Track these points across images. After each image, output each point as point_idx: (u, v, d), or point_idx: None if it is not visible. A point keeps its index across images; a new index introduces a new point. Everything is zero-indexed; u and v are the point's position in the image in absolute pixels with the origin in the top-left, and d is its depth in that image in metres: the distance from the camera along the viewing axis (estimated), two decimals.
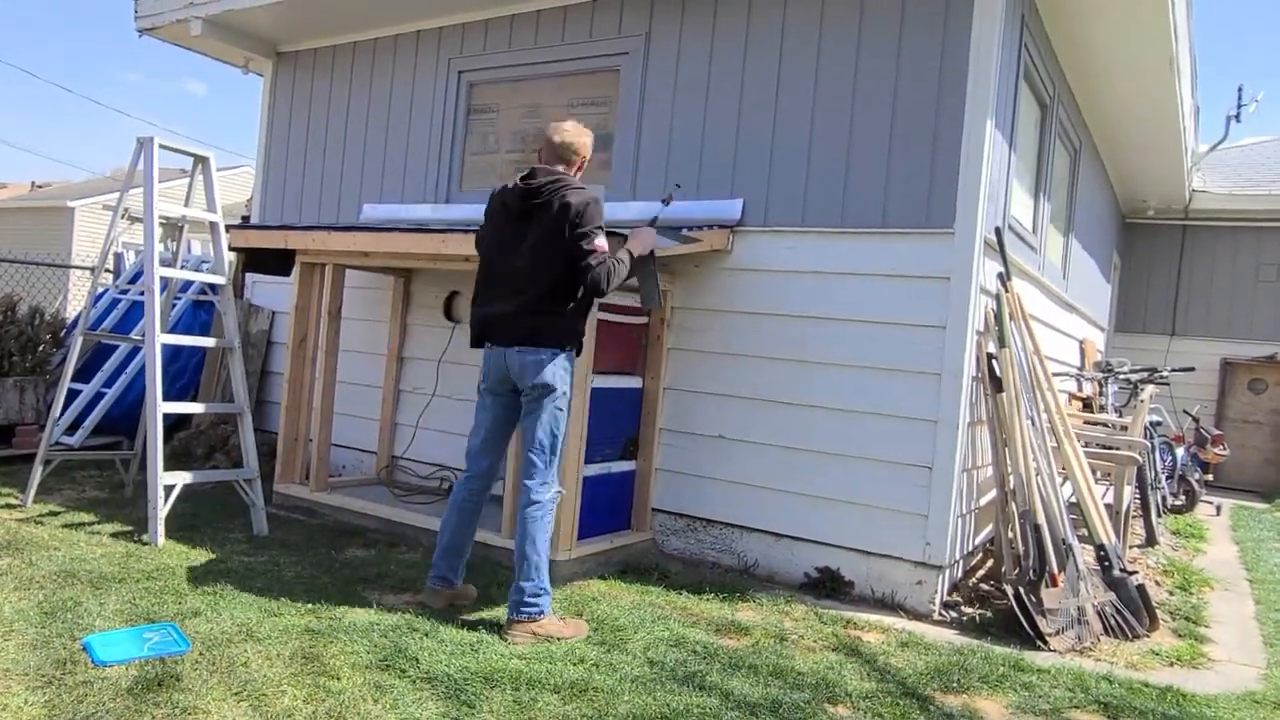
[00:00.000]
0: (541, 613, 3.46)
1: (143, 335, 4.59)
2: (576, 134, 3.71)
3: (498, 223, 3.71)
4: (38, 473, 4.78)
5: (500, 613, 3.66)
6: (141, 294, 6.82)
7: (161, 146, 4.75)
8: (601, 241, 3.52)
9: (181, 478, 4.47)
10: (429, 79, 6.02)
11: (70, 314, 8.16)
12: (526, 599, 3.44)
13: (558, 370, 3.55)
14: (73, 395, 6.18)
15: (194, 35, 6.41)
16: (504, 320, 3.59)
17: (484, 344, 3.68)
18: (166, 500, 4.30)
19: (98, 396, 6.21)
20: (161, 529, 4.26)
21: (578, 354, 3.71)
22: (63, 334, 6.66)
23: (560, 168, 3.65)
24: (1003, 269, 4.60)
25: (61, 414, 5.39)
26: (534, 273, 3.54)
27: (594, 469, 4.53)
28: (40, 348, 6.37)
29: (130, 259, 7.69)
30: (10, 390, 6.01)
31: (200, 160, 5.02)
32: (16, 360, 6.16)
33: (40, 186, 25.74)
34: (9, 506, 4.71)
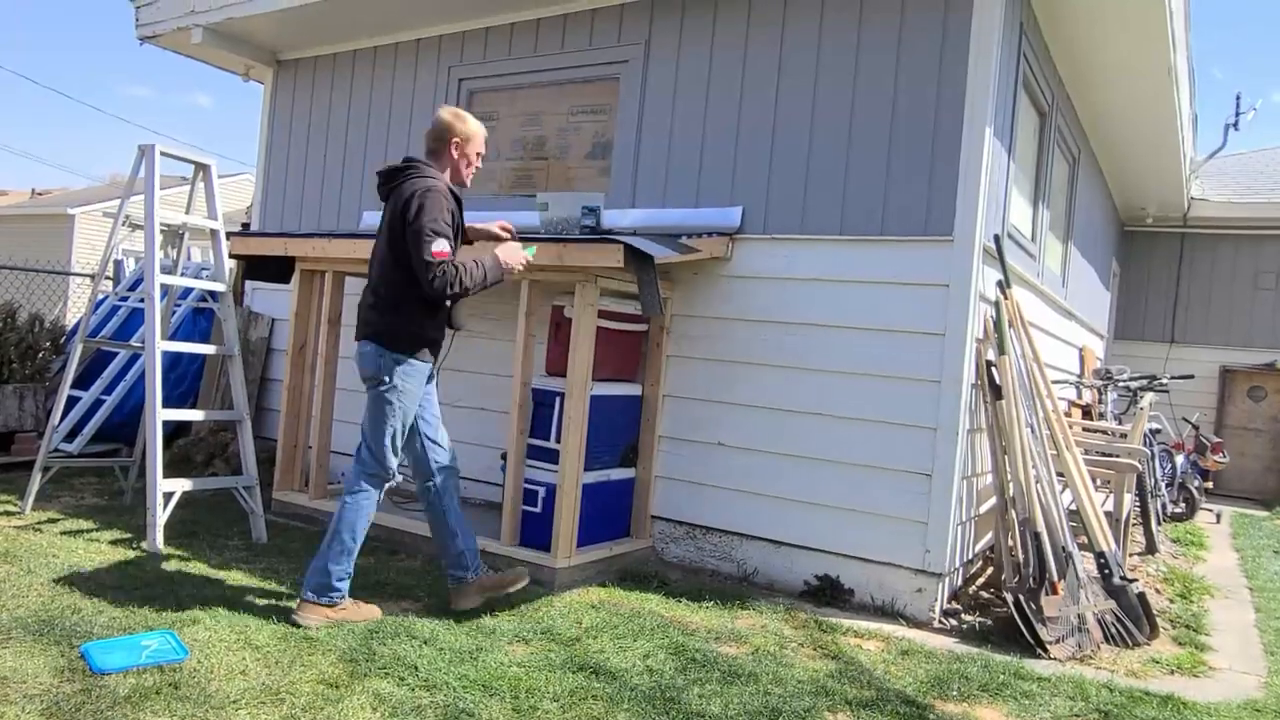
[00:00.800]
0: (344, 596, 3.49)
1: (142, 342, 4.59)
2: (448, 117, 3.62)
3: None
4: (36, 480, 4.77)
5: (501, 620, 3.66)
6: (141, 301, 6.83)
7: (163, 154, 4.75)
8: (440, 246, 3.38)
9: (181, 485, 4.46)
10: (429, 87, 6.03)
11: (70, 321, 8.16)
12: (334, 582, 3.47)
13: (386, 364, 3.53)
14: (72, 402, 6.18)
15: (195, 44, 6.42)
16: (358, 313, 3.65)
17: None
18: (165, 507, 4.29)
19: (97, 403, 6.21)
20: (160, 536, 4.25)
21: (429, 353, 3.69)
22: (62, 341, 6.65)
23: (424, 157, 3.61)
24: (1002, 276, 4.60)
25: (60, 421, 5.39)
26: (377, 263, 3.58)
27: (593, 476, 4.53)
28: (40, 355, 6.37)
29: (130, 266, 7.70)
30: (9, 397, 6.01)
31: (201, 168, 5.03)
32: (16, 367, 6.15)
33: (40, 194, 25.77)
34: (7, 514, 4.70)
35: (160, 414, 4.38)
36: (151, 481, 4.29)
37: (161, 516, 4.26)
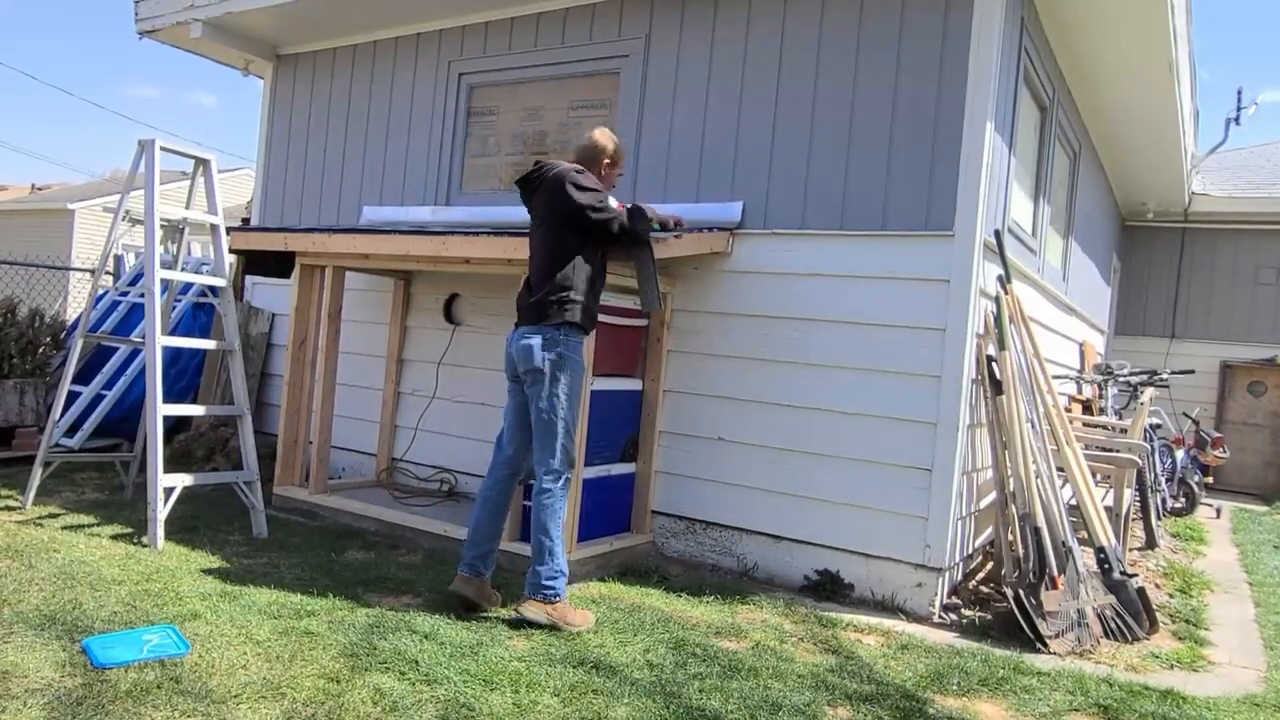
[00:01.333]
0: (557, 595, 3.58)
1: (143, 337, 4.59)
2: (598, 135, 3.99)
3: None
4: (37, 475, 4.78)
5: (502, 615, 3.67)
6: (142, 296, 6.84)
7: (163, 149, 4.75)
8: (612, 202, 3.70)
9: (181, 480, 4.47)
10: (429, 81, 6.02)
11: (70, 316, 8.16)
12: (544, 582, 3.58)
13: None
14: (73, 397, 6.19)
15: (194, 38, 6.41)
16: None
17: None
18: (166, 503, 4.30)
19: (97, 399, 6.22)
20: (161, 532, 4.26)
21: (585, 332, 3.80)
22: (63, 336, 6.66)
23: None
24: (1002, 272, 4.60)
25: (61, 416, 5.40)
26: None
27: (594, 471, 4.53)
28: (40, 350, 6.37)
29: (130, 261, 7.70)
30: (10, 392, 6.01)
31: (201, 163, 5.02)
32: (16, 362, 6.15)
33: (40, 189, 25.75)
34: (8, 509, 4.71)
35: (161, 409, 4.38)
36: (152, 477, 4.29)
37: (162, 512, 4.27)
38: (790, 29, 4.70)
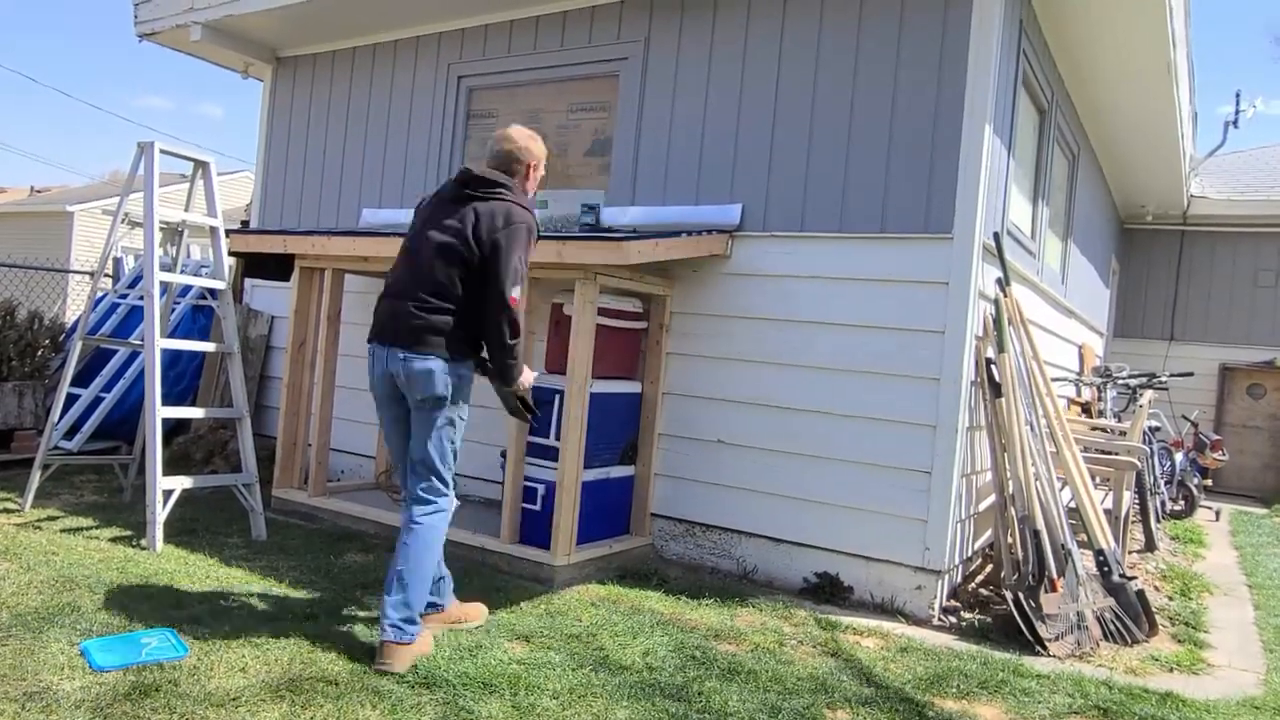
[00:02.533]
0: (412, 637, 3.12)
1: (142, 340, 4.59)
2: (527, 140, 3.42)
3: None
4: (36, 477, 4.78)
5: (501, 618, 3.66)
6: (141, 298, 6.83)
7: (162, 151, 4.75)
8: (517, 293, 3.18)
9: (180, 482, 4.46)
10: (428, 84, 6.02)
11: (69, 319, 8.16)
12: (400, 621, 3.10)
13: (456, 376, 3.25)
14: (72, 400, 6.19)
15: (194, 41, 6.41)
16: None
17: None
18: (165, 505, 4.30)
19: (96, 401, 6.21)
20: (160, 534, 4.26)
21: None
22: (61, 339, 6.65)
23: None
24: (1001, 274, 4.60)
25: (60, 419, 5.40)
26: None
27: (593, 474, 4.53)
28: (39, 352, 6.37)
29: (130, 264, 7.70)
30: (9, 395, 6.01)
31: (200, 165, 5.02)
32: (15, 365, 6.15)
33: (39, 191, 25.74)
34: (7, 511, 4.70)
35: (160, 411, 4.38)
36: (151, 479, 4.29)
37: (161, 514, 4.27)
38: (789, 32, 4.71)
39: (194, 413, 5.25)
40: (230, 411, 4.89)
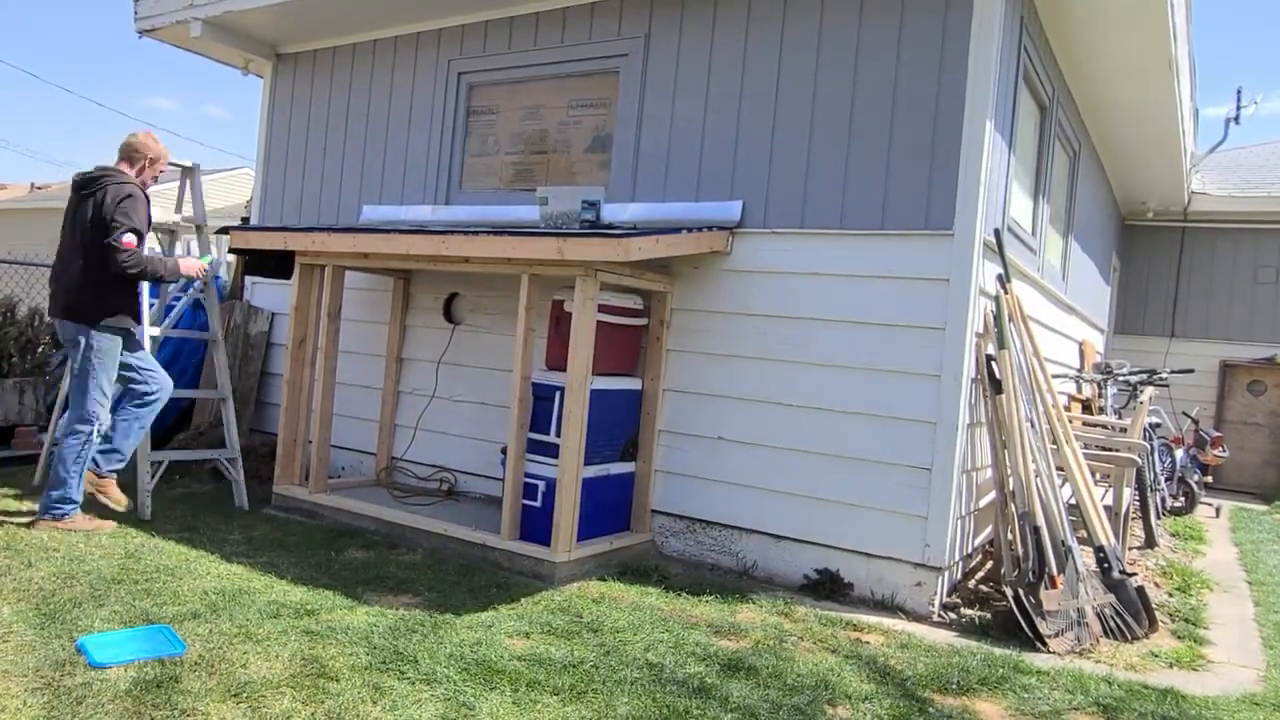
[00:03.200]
0: (66, 514, 4.31)
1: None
2: (146, 139, 4.59)
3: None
4: (37, 474, 4.79)
5: (501, 614, 3.67)
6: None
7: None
8: (130, 238, 4.29)
9: (167, 455, 5.01)
10: (429, 80, 6.02)
11: None
12: (52, 503, 4.31)
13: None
14: None
15: (194, 37, 6.41)
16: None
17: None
18: (153, 476, 4.83)
19: None
20: (149, 502, 4.74)
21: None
22: None
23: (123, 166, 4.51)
24: (1002, 271, 4.60)
25: (53, 413, 5.49)
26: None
27: (593, 471, 4.53)
28: (40, 349, 6.37)
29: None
30: (10, 392, 6.01)
31: (187, 170, 5.42)
32: (16, 361, 6.16)
33: (39, 188, 25.71)
34: (8, 508, 4.70)
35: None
36: (143, 453, 4.78)
37: (150, 484, 4.79)
38: (790, 28, 4.70)
39: (185, 394, 5.44)
40: (214, 393, 5.33)
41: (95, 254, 4.29)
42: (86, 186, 4.42)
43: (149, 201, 4.49)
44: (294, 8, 5.98)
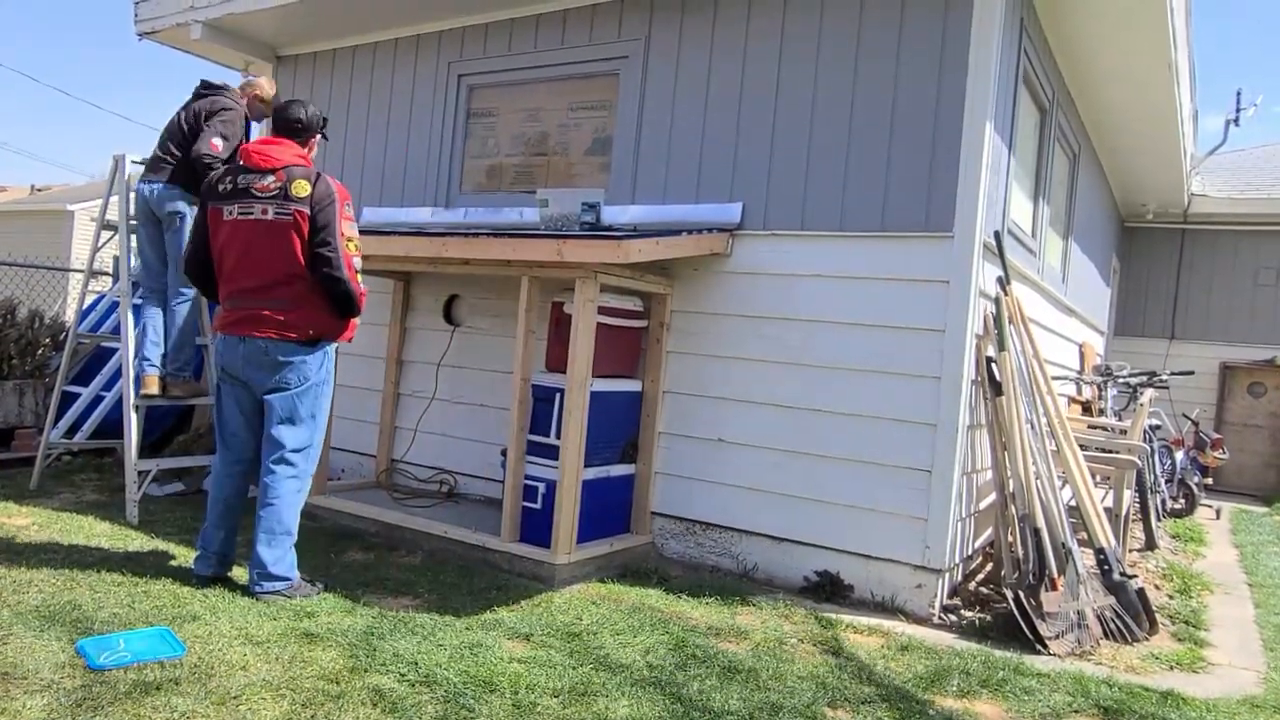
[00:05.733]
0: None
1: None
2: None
3: None
4: (36, 475, 4.80)
5: (501, 616, 3.66)
6: (143, 299, 6.87)
7: (134, 162, 5.24)
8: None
9: (153, 464, 5.03)
10: (429, 82, 6.02)
11: (70, 317, 8.16)
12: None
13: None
14: (73, 398, 6.20)
15: (194, 39, 6.41)
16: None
17: None
18: (140, 485, 4.82)
19: (97, 400, 6.21)
20: (136, 510, 4.72)
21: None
22: (62, 337, 6.67)
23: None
24: (1002, 273, 4.60)
25: (59, 417, 5.50)
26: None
27: (593, 472, 4.53)
28: (40, 351, 6.37)
29: (134, 263, 7.69)
30: (9, 393, 6.01)
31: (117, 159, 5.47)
32: (16, 363, 6.15)
33: (40, 190, 25.72)
34: (8, 509, 4.70)
35: (134, 400, 4.86)
36: (128, 461, 4.77)
37: (137, 493, 4.75)
38: (790, 31, 4.70)
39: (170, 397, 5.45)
40: (206, 400, 5.25)
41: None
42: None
43: None
44: (294, 10, 5.98)
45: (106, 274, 8.48)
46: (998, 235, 4.51)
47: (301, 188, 3.56)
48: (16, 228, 21.36)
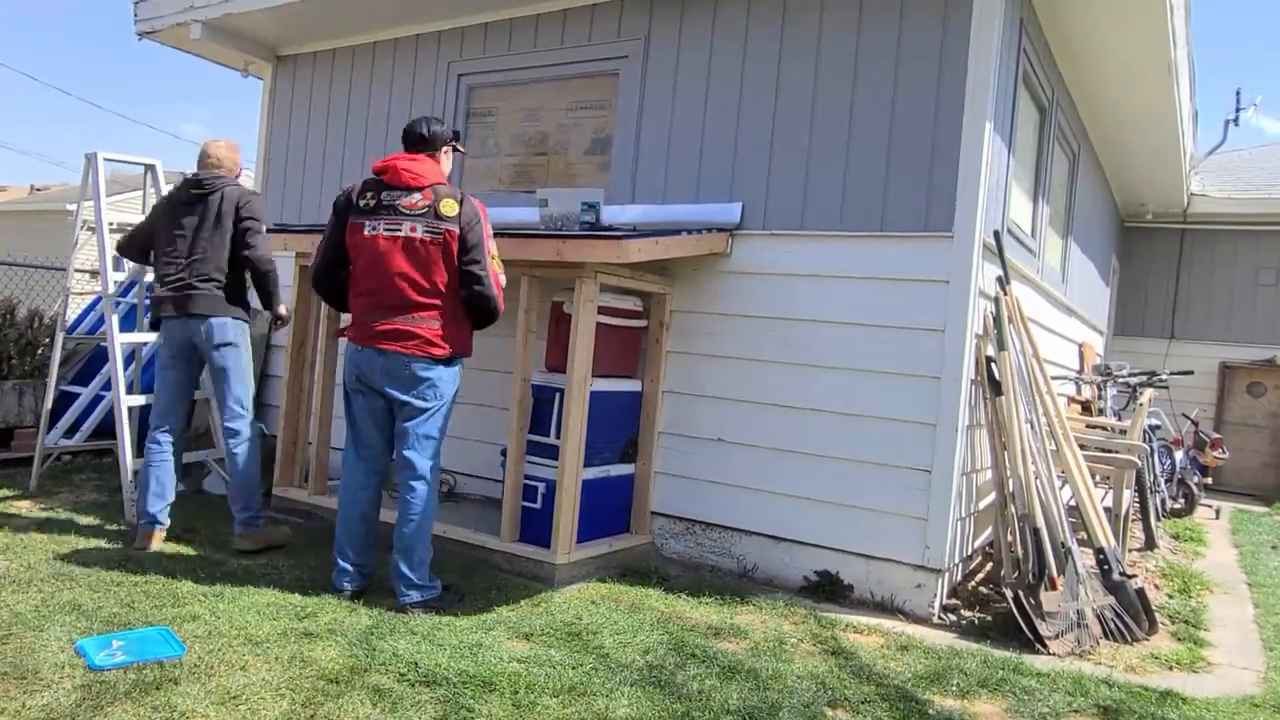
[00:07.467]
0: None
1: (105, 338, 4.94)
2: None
3: None
4: (35, 475, 4.80)
5: (501, 615, 3.66)
6: (135, 302, 6.89)
7: (107, 159, 5.22)
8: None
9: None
10: (428, 82, 6.02)
11: (69, 317, 8.16)
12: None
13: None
14: (72, 398, 6.20)
15: (193, 39, 6.41)
16: None
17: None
18: (135, 483, 4.68)
19: (97, 400, 6.21)
20: (130, 508, 4.67)
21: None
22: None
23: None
24: (1001, 272, 4.60)
25: (54, 416, 5.50)
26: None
27: (593, 472, 4.53)
28: (39, 351, 6.37)
29: (128, 265, 7.69)
30: (9, 393, 6.01)
31: (148, 168, 5.48)
32: (15, 363, 6.15)
33: (39, 189, 25.71)
34: (7, 509, 4.70)
35: (125, 400, 4.86)
36: (123, 462, 4.75)
37: (133, 493, 4.67)
38: (789, 30, 4.70)
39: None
40: (200, 394, 5.18)
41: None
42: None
43: None
44: (293, 9, 5.98)
45: (97, 274, 8.47)
46: (997, 235, 4.51)
47: (450, 207, 3.63)
48: (16, 227, 21.34)
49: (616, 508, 4.80)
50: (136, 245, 4.64)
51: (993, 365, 4.48)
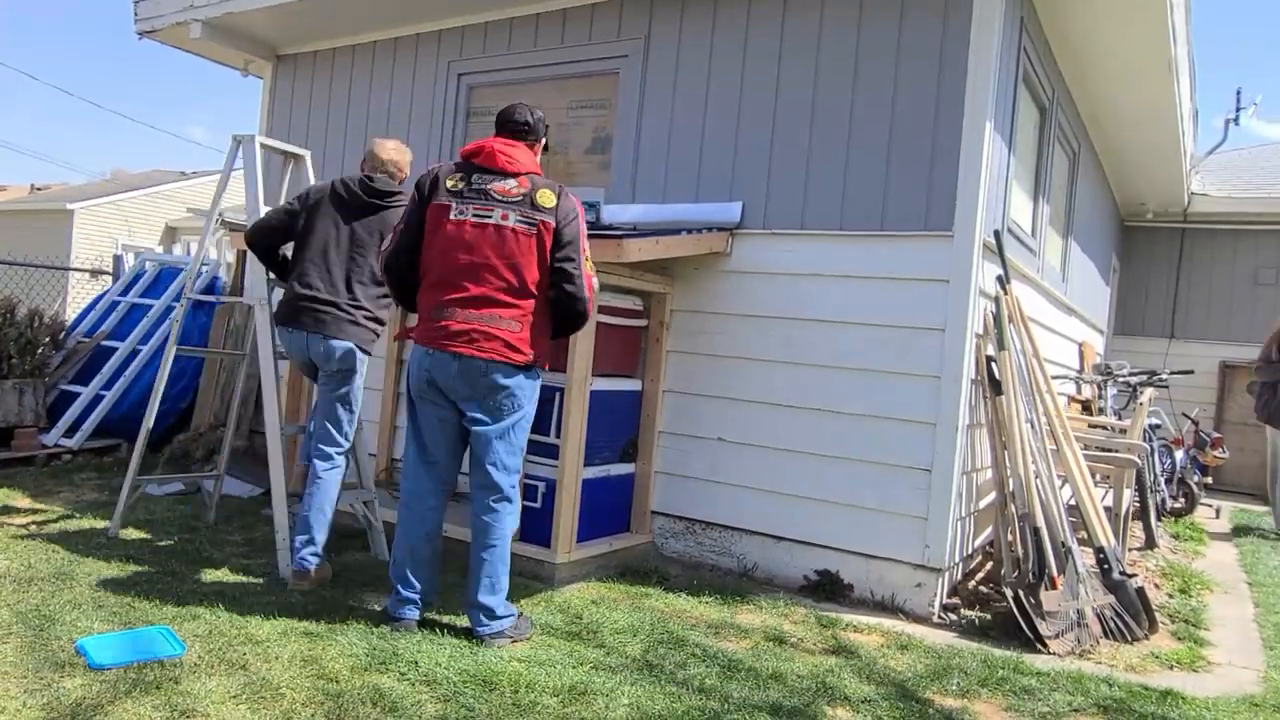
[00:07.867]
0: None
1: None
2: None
3: None
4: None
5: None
6: (140, 298, 6.86)
7: (263, 146, 4.72)
8: None
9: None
10: (428, 81, 6.02)
11: (69, 317, 8.16)
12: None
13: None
14: (72, 397, 6.21)
15: (193, 38, 6.41)
16: None
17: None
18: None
19: (97, 399, 6.21)
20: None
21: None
22: (62, 336, 6.66)
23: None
24: (1002, 272, 4.60)
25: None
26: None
27: (593, 472, 4.53)
28: (39, 350, 6.37)
29: (130, 261, 7.69)
30: (9, 393, 6.01)
31: (294, 158, 4.99)
32: (15, 363, 6.15)
33: (40, 189, 25.72)
34: (7, 509, 4.70)
35: (277, 428, 4.38)
36: (277, 508, 4.23)
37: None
38: (790, 30, 4.70)
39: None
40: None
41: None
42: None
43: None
44: (293, 9, 5.98)
45: (107, 273, 8.49)
46: (997, 234, 4.51)
47: (547, 198, 3.27)
48: (16, 226, 21.35)
49: (617, 507, 4.80)
50: (275, 239, 4.22)
51: (993, 364, 4.48)
